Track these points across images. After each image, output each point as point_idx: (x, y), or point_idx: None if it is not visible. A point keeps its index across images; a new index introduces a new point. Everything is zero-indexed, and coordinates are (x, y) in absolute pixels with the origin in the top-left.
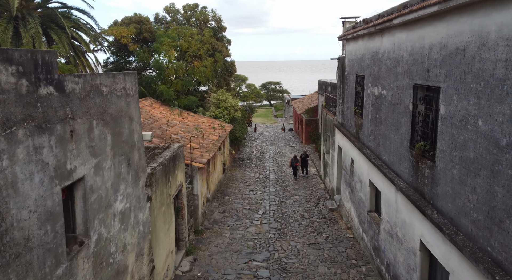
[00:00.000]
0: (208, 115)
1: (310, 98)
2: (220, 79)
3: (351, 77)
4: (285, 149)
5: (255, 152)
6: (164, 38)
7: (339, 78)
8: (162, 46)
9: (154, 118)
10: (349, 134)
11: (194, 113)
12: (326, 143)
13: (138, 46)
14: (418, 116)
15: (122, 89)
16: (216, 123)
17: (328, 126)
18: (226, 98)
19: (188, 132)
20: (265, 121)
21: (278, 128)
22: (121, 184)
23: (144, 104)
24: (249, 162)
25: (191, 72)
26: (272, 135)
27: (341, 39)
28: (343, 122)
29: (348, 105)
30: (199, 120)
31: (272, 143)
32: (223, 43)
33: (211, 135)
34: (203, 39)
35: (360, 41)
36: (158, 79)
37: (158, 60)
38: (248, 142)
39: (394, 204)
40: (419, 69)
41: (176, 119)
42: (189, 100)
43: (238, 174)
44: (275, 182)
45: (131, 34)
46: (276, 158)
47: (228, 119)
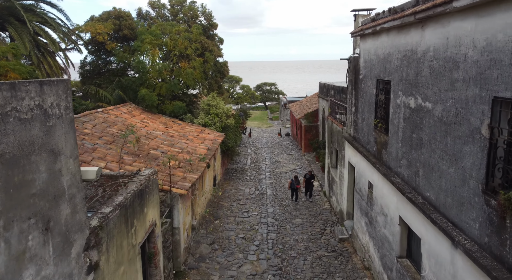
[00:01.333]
0: (197, 123)
1: (309, 101)
2: (212, 82)
3: (369, 82)
4: (282, 157)
5: (250, 162)
6: (146, 35)
7: (350, 82)
8: (144, 45)
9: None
10: (365, 151)
11: (180, 121)
12: (331, 156)
13: (117, 44)
14: (500, 146)
15: (36, 108)
16: (205, 132)
17: (334, 137)
18: (217, 104)
19: (172, 146)
20: (260, 125)
21: (274, 132)
22: (27, 267)
23: (122, 111)
24: (244, 173)
25: (177, 74)
26: (268, 141)
27: (355, 36)
28: (356, 135)
29: (364, 115)
30: (186, 129)
31: (268, 150)
32: (214, 42)
33: (198, 148)
34: (191, 37)
35: (384, 36)
36: (139, 82)
37: (139, 60)
38: (243, 150)
39: (449, 265)
40: (505, 74)
41: (158, 128)
42: (175, 106)
43: (231, 190)
44: (273, 200)
45: (108, 31)
46: (273, 169)
47: (220, 127)
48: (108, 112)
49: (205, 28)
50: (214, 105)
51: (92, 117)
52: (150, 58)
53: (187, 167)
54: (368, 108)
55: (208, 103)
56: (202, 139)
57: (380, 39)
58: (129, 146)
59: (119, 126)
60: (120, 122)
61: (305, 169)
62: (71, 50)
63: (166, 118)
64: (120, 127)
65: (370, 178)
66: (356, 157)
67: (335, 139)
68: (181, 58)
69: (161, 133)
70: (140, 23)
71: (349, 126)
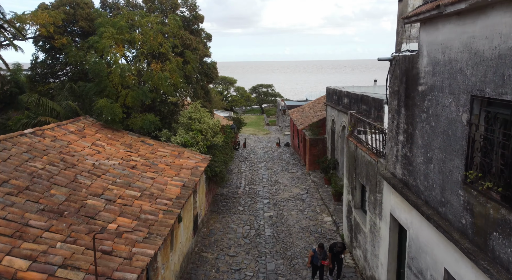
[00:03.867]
0: (175, 142)
1: (312, 107)
2: (196, 87)
3: (446, 98)
4: (283, 176)
5: (244, 183)
6: (106, 28)
7: (395, 94)
8: (103, 40)
9: (71, 158)
10: (437, 216)
11: (152, 140)
12: (354, 192)
13: (71, 40)
14: None
15: None
16: (184, 156)
17: (360, 168)
18: (202, 117)
19: (128, 186)
20: (256, 132)
21: (272, 141)
22: None
23: (68, 130)
24: (236, 201)
25: (147, 78)
26: (266, 153)
27: (413, 21)
28: (410, 180)
29: (430, 153)
30: (158, 152)
31: (266, 165)
32: (200, 38)
33: (169, 186)
34: (166, 30)
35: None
36: (97, 89)
37: (95, 61)
38: (236, 166)
39: None
40: None
41: (117, 155)
42: (144, 120)
43: (218, 229)
44: (274, 247)
45: (57, 22)
46: (273, 194)
47: (204, 146)
48: (43, 134)
49: (188, 21)
50: (197, 118)
51: (10, 144)
52: (111, 58)
53: (140, 231)
54: (444, 144)
55: (190, 116)
56: (178, 168)
57: (480, 21)
58: (53, 194)
59: (51, 157)
60: (56, 149)
61: (312, 196)
62: (7, 47)
63: (133, 137)
64: (52, 159)
65: (454, 269)
66: (409, 214)
67: (362, 172)
68: (154, 58)
69: (118, 163)
70: (100, 12)
71: (392, 160)
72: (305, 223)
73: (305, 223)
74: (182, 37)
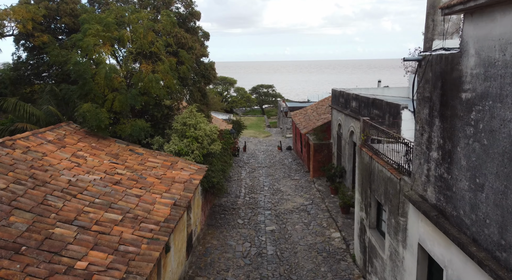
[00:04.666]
0: (168, 150)
1: (315, 110)
2: (193, 89)
3: (505, 110)
4: (285, 184)
5: (244, 192)
6: (90, 24)
7: (425, 101)
8: (87, 38)
9: (43, 174)
10: (493, 262)
11: (142, 149)
12: (369, 210)
13: (54, 38)
14: None
15: None
16: (177, 167)
17: (377, 183)
18: (197, 123)
19: (108, 206)
20: (256, 134)
21: (273, 143)
22: None
23: (46, 139)
24: (235, 213)
25: (137, 80)
26: (267, 157)
27: (456, 11)
28: (447, 207)
29: (478, 177)
30: (149, 163)
31: (267, 171)
32: (197, 37)
33: (157, 206)
34: (159, 28)
35: None
36: (81, 92)
37: (77, 61)
38: (235, 172)
39: None
40: None
41: (99, 168)
42: (134, 126)
43: (215, 247)
44: (278, 268)
45: (36, 18)
46: (275, 204)
47: (200, 155)
48: (14, 145)
49: (183, 18)
50: (192, 124)
51: None
52: (96, 58)
53: (116, 269)
54: (504, 170)
55: (184, 122)
56: (169, 182)
57: None
58: (12, 223)
59: (18, 173)
60: (26, 164)
61: (317, 207)
62: None
63: (120, 146)
64: (19, 176)
65: None
66: (447, 251)
67: (379, 188)
68: (145, 58)
69: (100, 178)
70: (86, 7)
71: (420, 180)
72: (311, 239)
73: (311, 240)
74: (177, 35)
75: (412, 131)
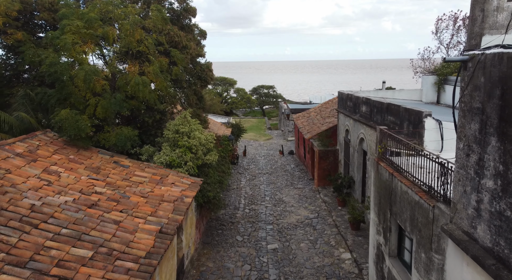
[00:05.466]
0: (158, 162)
1: (319, 113)
2: (188, 92)
3: None
4: (288, 193)
5: (243, 203)
6: (70, 20)
7: (472, 113)
8: (65, 36)
9: (1, 198)
10: None
11: (129, 161)
12: (389, 235)
13: (26, 34)
14: None
15: None
16: (167, 182)
17: (400, 205)
18: (191, 130)
19: (77, 239)
20: (257, 137)
21: (274, 147)
22: None
23: (15, 151)
24: (233, 228)
25: (122, 83)
26: (268, 162)
27: None
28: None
29: None
30: (134, 177)
31: (269, 179)
32: (192, 35)
33: (139, 234)
34: (148, 24)
35: None
36: (59, 97)
37: (52, 62)
38: (235, 179)
39: None
40: None
41: (74, 186)
42: (119, 135)
43: (210, 271)
44: None
45: (10, 13)
46: (277, 217)
47: (194, 167)
48: None
49: (177, 14)
50: (185, 132)
51: None
52: (76, 58)
53: None
54: None
55: (177, 129)
56: (157, 201)
57: None
58: None
59: None
60: None
61: (324, 221)
62: None
63: (104, 157)
64: None
65: None
66: None
67: (403, 212)
68: (133, 58)
69: (73, 199)
70: (66, 1)
71: (466, 213)
72: (318, 261)
73: (318, 261)
74: (169, 33)
75: (437, 143)
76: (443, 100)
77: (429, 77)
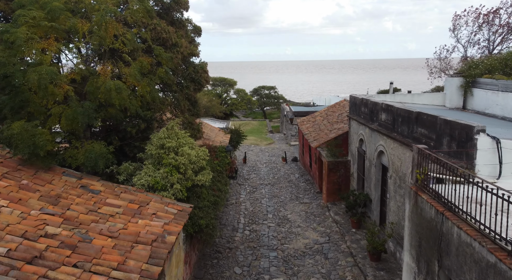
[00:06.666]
0: (138, 184)
1: (326, 117)
2: (179, 97)
3: None
4: (293, 208)
5: (243, 222)
6: (26, 10)
7: None
8: (18, 29)
9: None
10: None
11: (103, 182)
12: None
13: None
14: None
15: None
16: (147, 212)
17: (455, 256)
18: (180, 145)
19: None
20: (258, 141)
21: (276, 153)
22: None
23: None
24: (231, 256)
25: (92, 88)
26: (270, 171)
27: None
28: None
29: None
30: (105, 208)
31: (271, 191)
32: (184, 31)
33: None
34: (127, 17)
35: None
36: (12, 105)
37: (4, 62)
38: (233, 191)
39: None
40: None
41: (22, 223)
42: (89, 153)
43: None
44: None
45: None
46: (282, 240)
47: (183, 190)
48: None
49: (166, 6)
50: (172, 148)
51: None
52: (31, 57)
53: None
54: None
55: (162, 144)
56: (128, 244)
57: None
58: None
59: None
60: None
61: (337, 248)
62: None
63: (68, 180)
64: None
65: None
66: None
67: (465, 271)
68: (103, 57)
69: (8, 250)
70: None
71: None
72: None
73: None
74: (156, 28)
75: (493, 167)
76: (470, 105)
77: (454, 79)
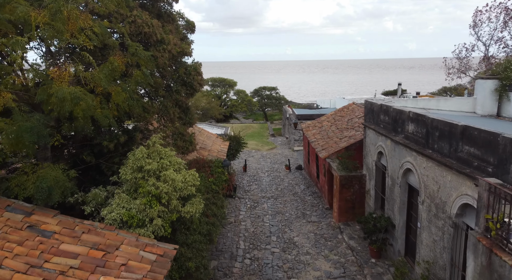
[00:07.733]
0: (109, 219)
1: (334, 123)
2: (167, 104)
3: None
4: (300, 229)
5: (243, 248)
6: None
7: None
8: None
9: None
10: None
11: (60, 218)
12: None
13: None
14: None
15: None
16: (118, 258)
17: None
18: (162, 167)
19: None
20: (259, 146)
21: (279, 160)
22: None
23: None
24: None
25: (44, 98)
26: (272, 181)
27: None
28: None
29: None
30: (55, 259)
31: (274, 206)
32: (173, 26)
33: None
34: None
35: None
36: None
37: None
38: (232, 208)
39: None
40: None
41: None
42: (39, 181)
43: None
44: None
45: None
46: (289, 271)
47: (166, 225)
48: None
49: None
50: (153, 171)
51: None
52: None
53: None
54: None
55: (140, 165)
56: None
57: None
58: None
59: None
60: None
61: None
62: None
63: (13, 218)
64: None
65: None
66: None
67: None
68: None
69: None
70: None
71: None
72: None
73: None
74: (136, 21)
75: None
76: (506, 112)
77: (487, 82)
